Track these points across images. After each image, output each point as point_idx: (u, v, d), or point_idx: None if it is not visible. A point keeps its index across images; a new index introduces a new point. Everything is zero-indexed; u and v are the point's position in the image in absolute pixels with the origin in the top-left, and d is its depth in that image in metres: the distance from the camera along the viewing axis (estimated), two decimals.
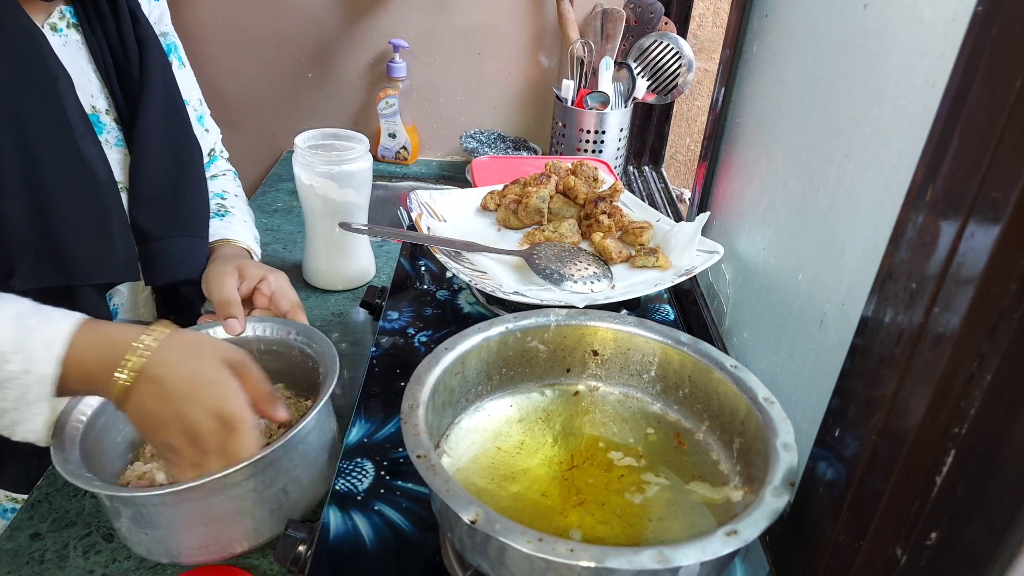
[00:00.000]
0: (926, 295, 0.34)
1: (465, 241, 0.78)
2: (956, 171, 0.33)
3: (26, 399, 0.53)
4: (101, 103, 0.73)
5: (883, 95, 0.49)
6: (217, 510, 0.57)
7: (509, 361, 0.58)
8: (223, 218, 0.90)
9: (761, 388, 0.51)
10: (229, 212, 0.92)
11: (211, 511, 0.56)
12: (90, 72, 0.72)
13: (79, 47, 0.71)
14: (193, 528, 0.57)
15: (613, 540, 0.47)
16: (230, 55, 1.46)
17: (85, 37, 0.71)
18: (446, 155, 1.57)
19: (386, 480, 0.57)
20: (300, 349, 0.70)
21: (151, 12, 0.83)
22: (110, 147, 0.74)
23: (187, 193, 0.80)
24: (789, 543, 0.49)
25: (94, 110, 0.72)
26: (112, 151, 0.74)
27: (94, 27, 0.71)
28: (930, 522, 0.36)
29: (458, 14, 1.41)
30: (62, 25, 0.70)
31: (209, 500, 0.56)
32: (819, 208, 0.59)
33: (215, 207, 0.91)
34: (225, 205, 0.93)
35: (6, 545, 0.62)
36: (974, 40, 0.33)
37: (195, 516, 0.56)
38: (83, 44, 0.71)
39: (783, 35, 0.71)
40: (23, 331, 0.53)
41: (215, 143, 0.98)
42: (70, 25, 0.70)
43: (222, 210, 0.91)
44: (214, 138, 0.98)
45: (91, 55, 0.72)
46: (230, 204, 0.93)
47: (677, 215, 1.23)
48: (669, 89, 1.30)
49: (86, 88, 0.71)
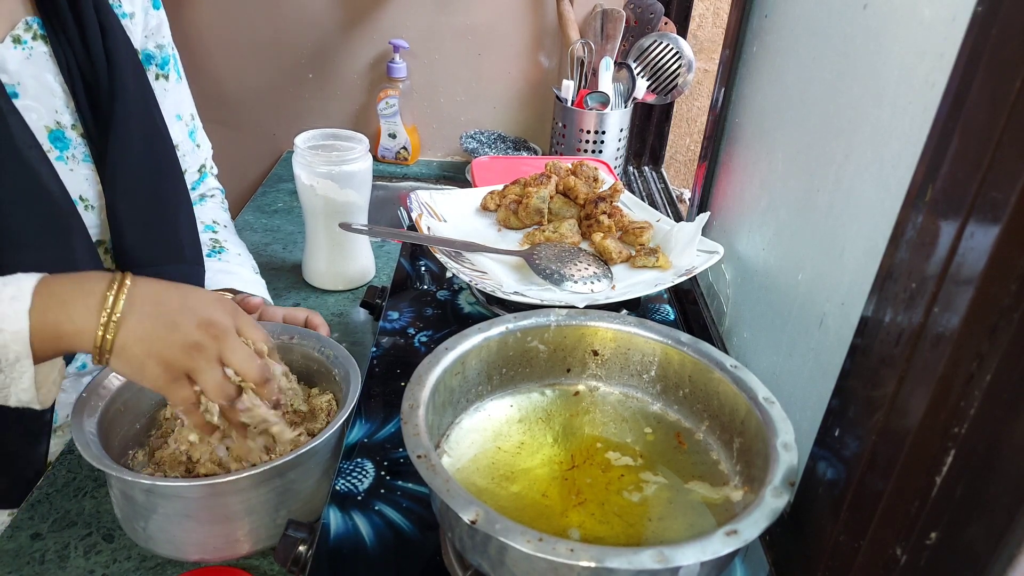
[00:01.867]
0: (926, 295, 0.34)
1: (465, 241, 0.79)
2: (956, 171, 0.33)
3: (7, 358, 0.51)
4: (66, 118, 0.70)
5: (883, 95, 0.49)
6: (230, 509, 0.57)
7: (509, 361, 0.58)
8: (220, 258, 0.87)
9: (761, 388, 0.51)
10: (224, 249, 0.89)
11: (224, 510, 0.57)
12: (56, 86, 0.69)
13: (46, 59, 0.68)
14: (203, 525, 0.58)
15: (613, 540, 0.47)
16: (230, 55, 1.46)
17: (52, 49, 0.68)
18: (446, 155, 1.57)
19: (386, 480, 0.57)
20: (308, 353, 0.71)
21: (148, 23, 0.81)
22: (76, 162, 0.71)
23: (172, 215, 0.77)
24: (789, 543, 0.49)
25: (59, 125, 0.70)
26: (79, 166, 0.71)
27: (60, 39, 0.68)
28: (930, 522, 0.36)
29: (458, 14, 1.41)
30: (27, 37, 0.67)
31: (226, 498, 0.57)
32: (819, 208, 0.59)
33: (208, 243, 0.88)
34: (218, 240, 0.90)
35: (7, 545, 0.62)
36: (974, 40, 0.33)
37: (208, 512, 0.57)
38: (50, 56, 0.68)
39: (783, 35, 0.71)
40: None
41: (206, 159, 0.96)
42: (37, 36, 0.68)
43: (216, 246, 0.88)
44: (205, 153, 0.95)
45: (58, 68, 0.69)
46: (222, 238, 0.91)
47: (677, 215, 1.23)
48: (669, 89, 1.30)
49: (49, 102, 0.69)
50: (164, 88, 0.85)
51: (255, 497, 0.58)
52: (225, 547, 0.59)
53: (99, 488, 0.68)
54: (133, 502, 0.58)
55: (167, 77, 0.85)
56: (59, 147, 0.70)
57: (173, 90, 0.86)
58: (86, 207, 0.72)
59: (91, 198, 0.73)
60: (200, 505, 0.57)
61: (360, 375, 0.66)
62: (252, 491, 0.58)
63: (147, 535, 0.59)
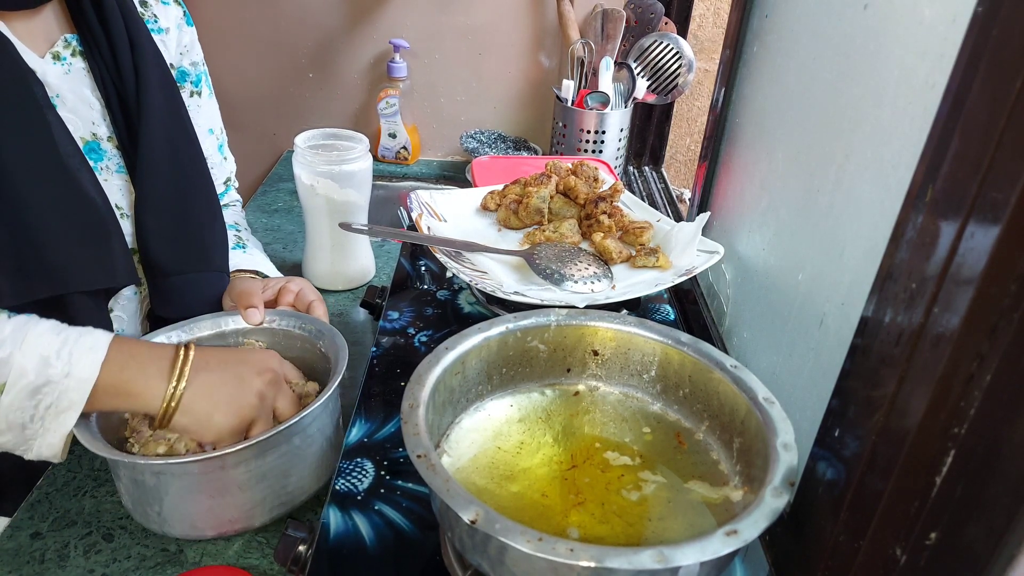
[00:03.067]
0: (926, 295, 0.34)
1: (465, 241, 0.79)
2: (956, 171, 0.33)
3: (58, 406, 0.54)
4: (102, 130, 0.73)
5: (883, 95, 0.49)
6: (240, 479, 0.59)
7: (509, 361, 0.58)
8: (245, 250, 0.91)
9: (761, 388, 0.51)
10: (247, 244, 0.92)
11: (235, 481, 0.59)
12: (93, 99, 0.72)
13: (83, 74, 0.71)
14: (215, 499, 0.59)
15: (613, 540, 0.47)
16: (231, 55, 1.46)
17: (88, 64, 0.72)
18: (446, 155, 1.57)
19: (386, 480, 0.57)
20: (305, 339, 0.73)
21: (181, 39, 0.83)
22: (111, 173, 0.74)
23: (198, 226, 0.80)
24: (789, 543, 0.49)
25: (95, 137, 0.73)
26: (113, 177, 0.74)
27: (94, 54, 0.71)
28: (930, 522, 0.36)
29: (459, 14, 1.41)
30: (66, 54, 0.70)
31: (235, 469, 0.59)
32: (819, 208, 0.59)
33: (233, 239, 0.91)
34: (242, 238, 0.93)
35: (6, 544, 0.62)
36: (974, 40, 0.33)
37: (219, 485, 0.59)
38: (87, 71, 0.72)
39: (783, 35, 0.71)
40: (65, 338, 0.55)
41: (231, 172, 0.99)
42: (75, 53, 0.71)
43: (240, 242, 0.92)
44: (231, 167, 0.98)
45: (94, 82, 0.72)
46: (245, 237, 0.94)
47: (677, 215, 1.23)
48: (669, 89, 1.30)
49: (87, 115, 0.72)
50: (197, 104, 0.88)
51: (263, 465, 0.60)
52: (240, 518, 0.61)
53: (99, 488, 0.68)
54: (144, 487, 0.59)
55: (200, 94, 0.88)
56: (94, 158, 0.72)
57: (206, 105, 0.89)
58: (121, 215, 0.74)
59: (125, 207, 0.75)
60: (210, 479, 0.58)
61: (344, 341, 0.69)
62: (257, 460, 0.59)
63: (162, 519, 0.60)
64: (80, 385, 0.54)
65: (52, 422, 0.55)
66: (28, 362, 0.53)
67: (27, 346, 0.54)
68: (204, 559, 0.61)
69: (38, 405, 0.54)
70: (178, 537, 0.62)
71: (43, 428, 0.55)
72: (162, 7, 0.82)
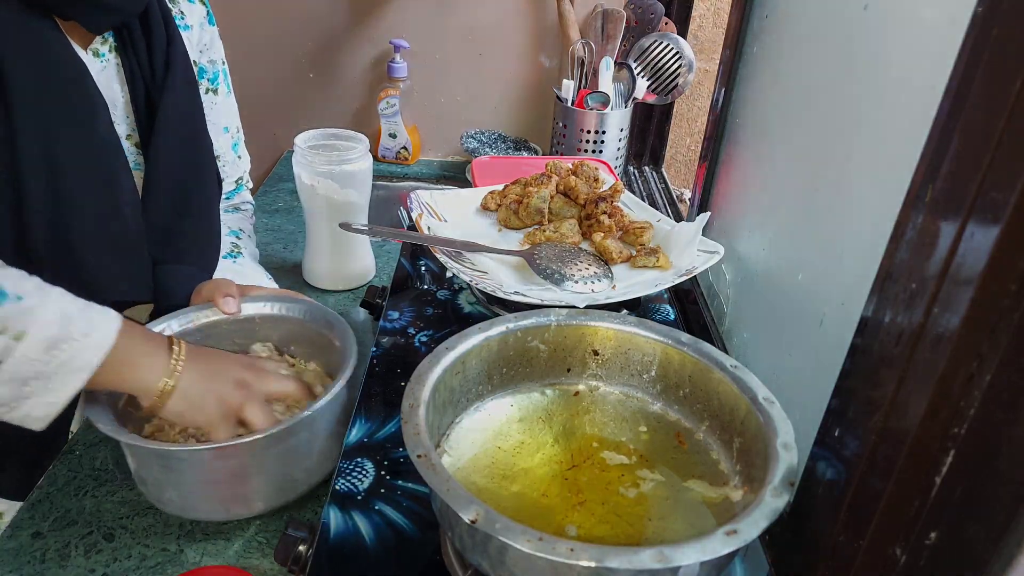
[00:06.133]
0: (926, 295, 0.34)
1: (465, 241, 0.79)
2: (956, 171, 0.33)
3: (71, 364, 0.53)
4: (123, 128, 0.74)
5: (883, 95, 0.49)
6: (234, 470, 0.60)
7: (510, 361, 0.58)
8: (235, 260, 0.89)
9: (761, 388, 0.51)
10: (240, 254, 0.91)
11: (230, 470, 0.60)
12: (119, 97, 0.73)
13: (116, 71, 0.72)
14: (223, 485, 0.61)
15: (613, 539, 0.47)
16: (230, 54, 1.44)
17: (121, 59, 0.72)
18: (447, 155, 1.57)
19: (386, 480, 0.57)
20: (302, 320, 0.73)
21: (202, 37, 0.84)
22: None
23: (190, 221, 0.80)
24: (789, 543, 0.49)
25: None
26: None
27: (128, 52, 0.72)
28: (930, 522, 0.36)
29: (459, 14, 1.41)
30: (104, 50, 0.71)
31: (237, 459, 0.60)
32: (819, 208, 0.59)
33: (228, 246, 0.90)
34: (239, 246, 0.92)
35: (7, 544, 0.62)
36: (974, 41, 0.33)
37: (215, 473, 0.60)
38: (119, 68, 0.72)
39: (783, 36, 0.71)
40: (84, 304, 0.56)
41: (244, 171, 0.99)
42: (112, 49, 0.71)
43: (235, 250, 0.91)
44: (245, 166, 0.98)
45: (123, 76, 0.73)
46: (243, 245, 0.93)
47: (677, 215, 1.23)
48: (669, 89, 1.30)
49: (113, 113, 0.72)
50: (213, 102, 0.88)
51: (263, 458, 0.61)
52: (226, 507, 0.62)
53: (99, 487, 0.68)
54: (169, 470, 0.60)
55: (216, 91, 0.88)
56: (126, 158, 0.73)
57: (222, 103, 0.90)
58: None
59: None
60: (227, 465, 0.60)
61: (351, 331, 0.69)
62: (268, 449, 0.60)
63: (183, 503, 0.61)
64: (98, 346, 0.54)
65: (59, 381, 0.53)
66: (51, 315, 0.52)
67: (51, 301, 0.53)
68: (204, 559, 0.62)
69: (51, 361, 0.52)
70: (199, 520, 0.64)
71: (46, 387, 0.52)
72: (188, 5, 0.82)
